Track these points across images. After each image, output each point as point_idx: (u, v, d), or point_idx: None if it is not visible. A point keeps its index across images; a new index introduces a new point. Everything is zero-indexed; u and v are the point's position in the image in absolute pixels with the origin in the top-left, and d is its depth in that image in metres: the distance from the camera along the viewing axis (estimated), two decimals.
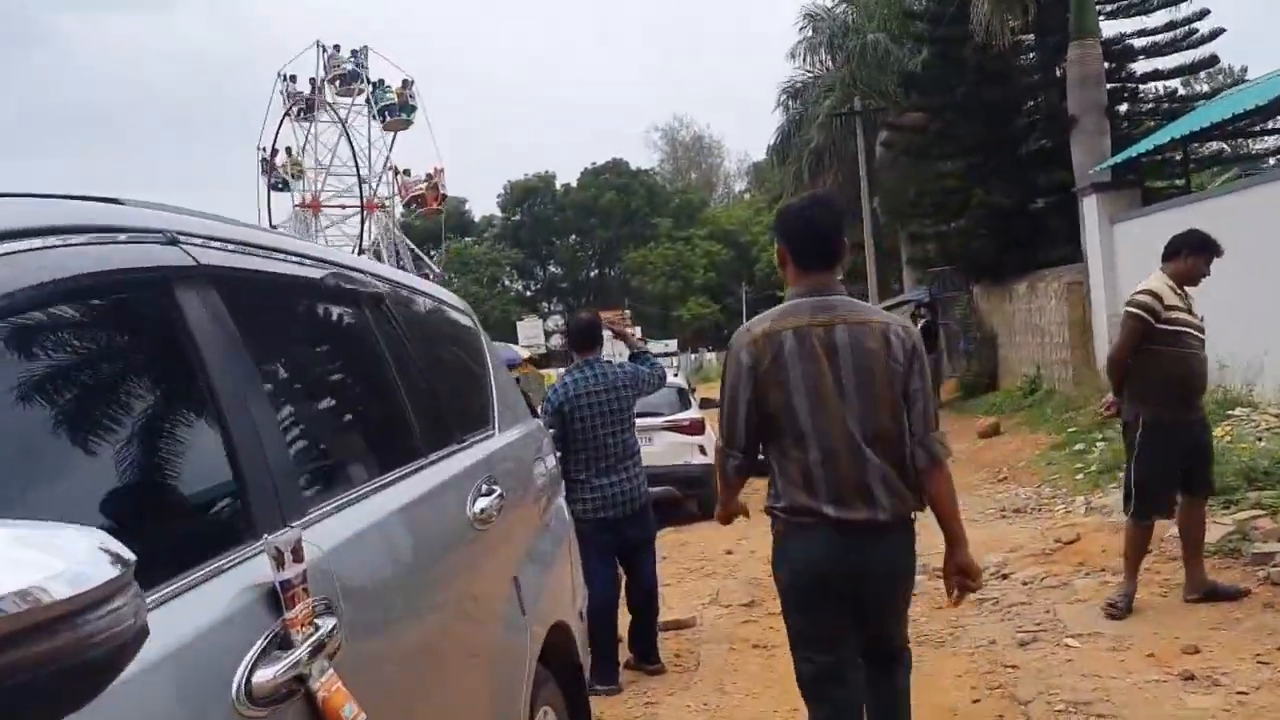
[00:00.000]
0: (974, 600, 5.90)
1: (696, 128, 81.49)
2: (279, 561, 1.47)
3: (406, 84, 42.63)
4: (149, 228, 1.68)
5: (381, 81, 42.70)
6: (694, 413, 11.50)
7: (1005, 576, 6.42)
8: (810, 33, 28.74)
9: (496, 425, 3.06)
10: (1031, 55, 19.09)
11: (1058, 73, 16.97)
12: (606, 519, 4.90)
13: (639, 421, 10.43)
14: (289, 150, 42.39)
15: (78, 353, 1.45)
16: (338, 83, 42.11)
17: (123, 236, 1.60)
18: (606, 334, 5.32)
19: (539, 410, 5.08)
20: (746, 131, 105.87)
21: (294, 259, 2.09)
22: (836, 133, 28.03)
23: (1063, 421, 12.43)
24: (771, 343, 2.83)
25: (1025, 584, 6.18)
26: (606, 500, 4.89)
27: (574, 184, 69.43)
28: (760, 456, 3.00)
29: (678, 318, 60.78)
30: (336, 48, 42.41)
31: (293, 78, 42.30)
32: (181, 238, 1.73)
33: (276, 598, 1.47)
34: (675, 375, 13.71)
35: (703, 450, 10.73)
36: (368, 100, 42.22)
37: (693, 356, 52.00)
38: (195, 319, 1.64)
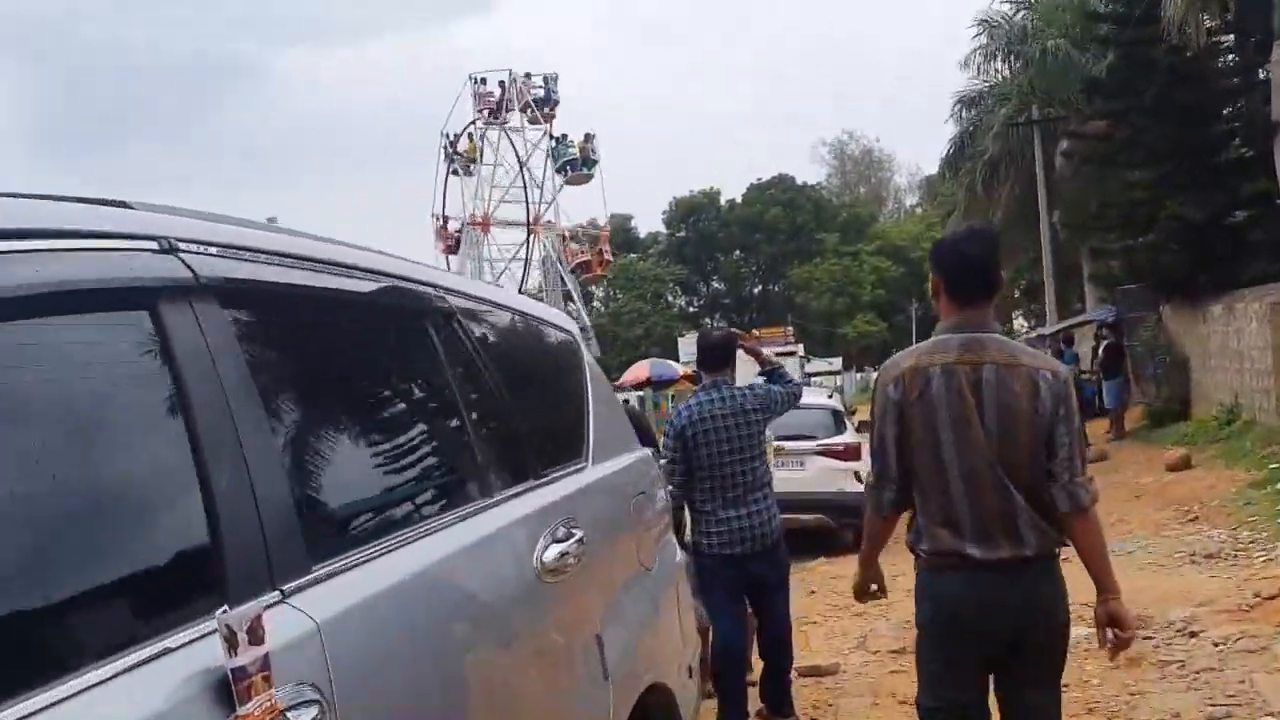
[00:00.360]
0: (1156, 662, 5.24)
1: (865, 141, 79.42)
2: (230, 644, 1.20)
3: (589, 138, 43.49)
4: (139, 233, 1.44)
5: (565, 136, 43.69)
6: (849, 437, 10.90)
7: (1193, 635, 5.67)
8: (985, 40, 27.53)
9: (590, 456, 2.75)
10: (1230, 57, 17.67)
11: (1261, 75, 15.60)
12: (733, 555, 4.51)
13: (789, 445, 10.20)
14: (470, 136, 43.70)
15: (20, 384, 1.22)
16: (529, 109, 43.16)
17: (102, 243, 1.37)
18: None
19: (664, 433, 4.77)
20: (918, 145, 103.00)
21: (334, 270, 1.83)
22: (1013, 143, 26.73)
23: (1264, 457, 11.24)
24: (919, 378, 2.81)
25: (1217, 645, 5.42)
26: (733, 535, 4.50)
27: (739, 200, 69.09)
28: None
29: (843, 335, 59.46)
30: (528, 75, 43.46)
31: (483, 80, 43.59)
32: (181, 245, 1.49)
33: (229, 689, 1.20)
34: (832, 397, 13.11)
35: (858, 477, 10.15)
36: (549, 154, 43.24)
37: (859, 375, 50.69)
38: (183, 341, 1.39)
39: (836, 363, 48.23)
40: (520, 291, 41.26)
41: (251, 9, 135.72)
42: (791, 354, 41.46)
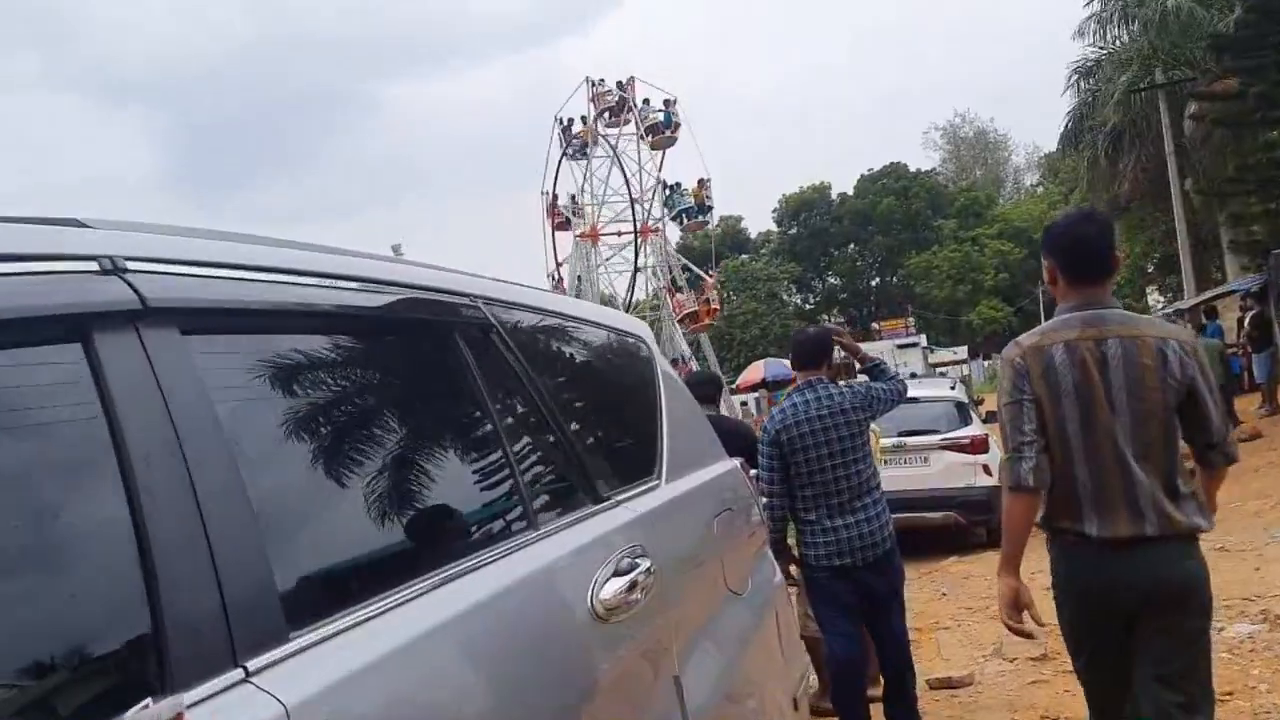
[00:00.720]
0: None
1: (979, 123, 76.94)
2: None
3: (703, 183, 43.35)
4: (76, 254, 1.24)
5: (678, 185, 43.65)
6: (975, 429, 10.34)
7: None
8: (1098, 6, 26.29)
9: (664, 473, 2.48)
10: None
11: None
12: (843, 567, 4.16)
13: (911, 440, 9.73)
14: (584, 119, 44.05)
15: None
16: (649, 135, 43.20)
17: (25, 267, 1.17)
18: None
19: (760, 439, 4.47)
20: (1034, 122, 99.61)
21: (330, 284, 1.61)
22: (1136, 110, 25.37)
23: None
24: (1041, 356, 2.81)
25: None
26: (841, 545, 4.15)
27: (850, 192, 67.85)
28: None
29: (967, 323, 57.74)
30: (646, 101, 43.47)
31: (601, 80, 43.95)
32: (129, 265, 1.28)
33: None
34: (955, 388, 12.51)
35: (987, 470, 9.65)
36: (665, 203, 43.28)
37: (985, 363, 49.07)
38: (123, 375, 1.18)
39: (961, 351, 46.92)
40: (629, 302, 41.33)
41: (358, 46, 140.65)
42: (914, 345, 40.45)
